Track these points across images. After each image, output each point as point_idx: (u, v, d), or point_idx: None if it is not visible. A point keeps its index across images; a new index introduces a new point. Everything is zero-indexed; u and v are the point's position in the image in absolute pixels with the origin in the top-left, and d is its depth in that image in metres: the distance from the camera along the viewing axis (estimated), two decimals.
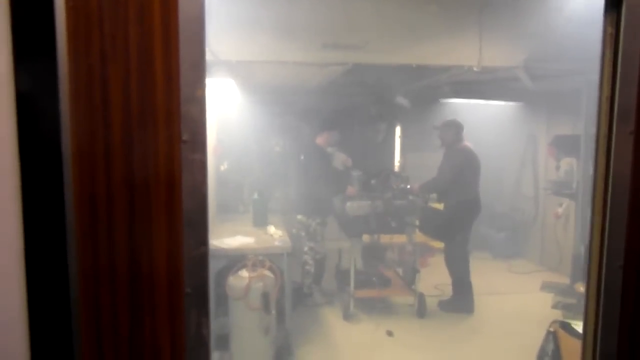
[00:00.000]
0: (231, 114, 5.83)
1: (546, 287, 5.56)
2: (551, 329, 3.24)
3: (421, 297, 4.89)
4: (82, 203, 0.94)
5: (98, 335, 0.97)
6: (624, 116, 1.09)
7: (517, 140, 7.07)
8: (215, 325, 3.87)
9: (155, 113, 0.96)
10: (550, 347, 3.20)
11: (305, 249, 5.06)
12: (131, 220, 0.96)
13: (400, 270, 5.62)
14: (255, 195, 4.89)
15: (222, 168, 5.58)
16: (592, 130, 1.25)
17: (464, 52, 4.21)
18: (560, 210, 5.61)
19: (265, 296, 3.59)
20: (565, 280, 5.56)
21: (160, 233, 0.98)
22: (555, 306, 4.94)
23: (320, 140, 5.17)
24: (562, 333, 3.12)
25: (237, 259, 3.83)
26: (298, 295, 4.93)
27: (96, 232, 0.95)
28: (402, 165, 6.89)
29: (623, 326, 1.13)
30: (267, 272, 3.73)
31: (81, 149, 0.93)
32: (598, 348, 1.16)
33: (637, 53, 1.06)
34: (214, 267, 3.86)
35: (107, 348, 0.97)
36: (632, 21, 1.05)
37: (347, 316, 4.73)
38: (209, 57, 4.29)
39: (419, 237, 4.96)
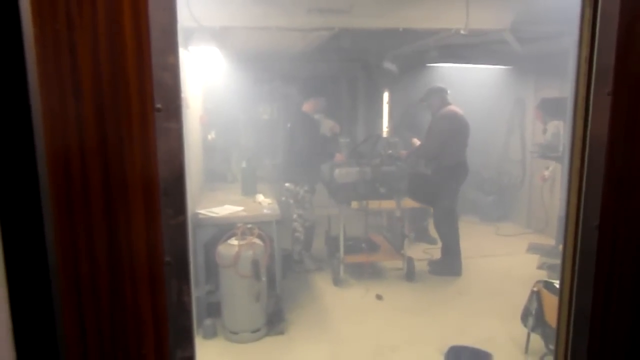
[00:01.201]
0: (217, 82, 5.75)
1: (532, 248, 5.68)
2: (535, 289, 3.32)
3: (410, 261, 4.97)
4: (56, 175, 0.92)
5: (79, 307, 0.97)
6: (601, 77, 1.09)
7: (505, 104, 7.07)
8: (206, 293, 3.93)
9: (127, 81, 0.94)
10: (534, 305, 3.29)
11: (295, 216, 5.09)
12: (106, 192, 0.96)
13: (389, 236, 5.69)
14: (244, 164, 4.88)
15: (209, 137, 5.54)
16: None
17: (451, 14, 4.16)
18: (546, 173, 5.66)
19: (255, 264, 3.63)
20: (550, 241, 5.67)
21: (136, 203, 0.97)
22: (540, 267, 5.06)
23: (307, 107, 5.13)
24: (545, 292, 3.20)
25: (226, 228, 3.85)
26: (288, 262, 4.99)
27: (72, 203, 0.94)
28: (391, 131, 6.87)
29: (598, 283, 1.16)
30: (257, 240, 3.76)
31: (52, 119, 0.91)
32: (574, 304, 1.19)
33: (615, 14, 1.05)
34: (203, 236, 3.89)
35: (89, 319, 0.98)
36: None
37: (337, 281, 4.81)
38: (191, 23, 4.20)
39: (407, 202, 5.01)
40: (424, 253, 5.52)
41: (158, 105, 0.97)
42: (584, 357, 1.17)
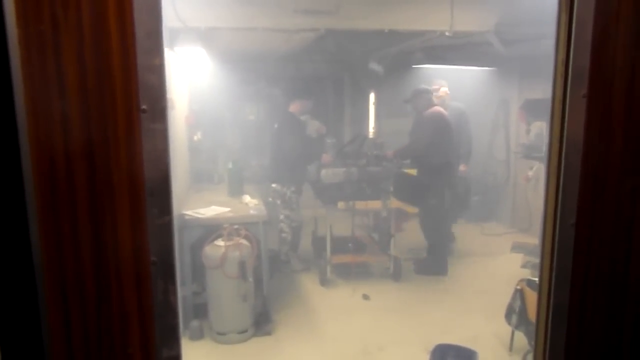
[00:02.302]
0: (203, 83, 5.73)
1: (516, 247, 5.74)
2: (518, 287, 3.37)
3: (396, 261, 5.01)
4: (41, 175, 0.93)
5: (65, 307, 0.98)
6: (577, 79, 1.12)
7: (489, 105, 7.14)
8: (192, 294, 3.92)
9: (112, 82, 0.95)
10: (518, 304, 3.34)
11: (282, 217, 5.10)
12: (92, 192, 0.96)
13: (375, 236, 5.72)
14: (230, 165, 4.88)
15: (195, 138, 5.52)
16: None
17: (436, 17, 4.21)
18: (530, 173, 5.73)
19: (241, 264, 3.63)
20: (534, 241, 5.74)
21: (122, 203, 0.98)
22: (524, 266, 5.12)
23: (293, 108, 5.14)
24: (528, 290, 3.25)
25: (212, 229, 3.85)
26: (275, 262, 5.00)
27: (57, 203, 0.95)
28: (377, 132, 6.91)
29: (575, 280, 1.19)
30: (243, 241, 3.76)
31: (37, 120, 0.92)
32: (552, 300, 1.22)
33: (590, 19, 1.08)
34: (189, 237, 3.88)
35: (75, 319, 0.98)
36: None
37: (324, 281, 4.83)
38: (177, 24, 4.18)
39: (393, 202, 5.04)
40: (410, 252, 5.56)
41: (143, 107, 0.98)
42: (562, 351, 1.21)
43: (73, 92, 0.94)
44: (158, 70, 0.98)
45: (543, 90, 5.99)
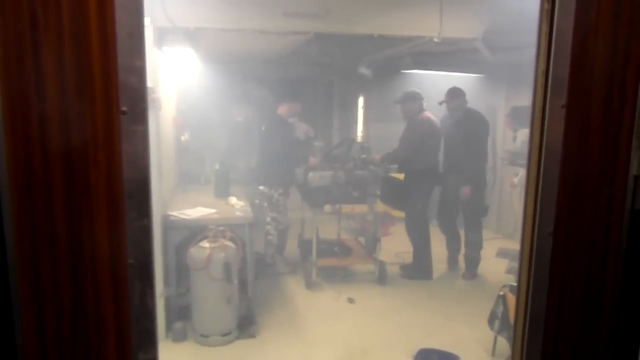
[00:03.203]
0: (191, 83, 5.71)
1: (501, 253, 5.80)
2: (501, 293, 3.40)
3: (382, 265, 5.02)
4: (17, 176, 0.92)
5: (39, 310, 0.96)
6: (557, 90, 1.14)
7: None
8: (176, 295, 3.89)
9: (92, 83, 0.94)
10: (500, 309, 3.37)
11: (268, 219, 5.09)
12: (69, 194, 0.95)
13: (361, 240, 5.73)
14: (217, 166, 4.86)
15: (182, 138, 5.50)
16: None
17: (425, 23, 4.24)
18: (516, 179, 5.79)
19: (226, 266, 3.62)
20: (519, 247, 5.80)
21: (100, 205, 0.97)
22: (509, 271, 5.17)
23: (281, 110, 5.14)
24: (510, 296, 3.28)
25: (198, 230, 3.83)
26: (261, 264, 4.99)
27: (33, 205, 0.94)
28: (365, 136, 6.93)
29: (552, 287, 1.21)
30: (229, 243, 3.75)
31: (14, 120, 0.91)
32: (529, 307, 1.24)
33: (569, 29, 1.10)
34: (174, 238, 3.85)
35: (49, 321, 0.97)
36: None
37: (310, 284, 4.83)
38: (166, 24, 4.16)
39: (379, 206, 5.05)
40: (395, 257, 5.58)
41: (123, 108, 0.97)
42: (539, 356, 1.22)
43: (52, 93, 0.93)
44: (139, 72, 0.98)
45: (529, 98, 6.04)
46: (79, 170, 0.96)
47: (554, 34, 1.12)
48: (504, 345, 3.49)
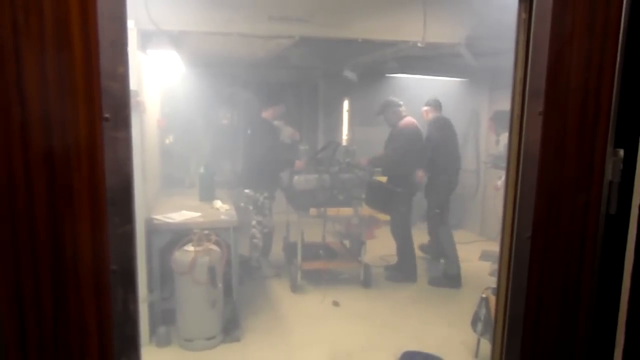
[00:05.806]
0: (176, 86, 5.69)
1: (484, 256, 5.88)
2: (484, 295, 3.44)
3: (367, 268, 5.04)
4: None
5: (20, 316, 0.96)
6: (534, 97, 1.17)
7: (460, 116, 7.27)
8: (160, 299, 3.86)
9: (75, 90, 0.94)
10: (483, 311, 3.41)
11: (253, 222, 5.08)
12: (51, 200, 0.95)
13: (347, 243, 5.75)
14: (202, 169, 4.84)
15: (167, 142, 5.47)
16: None
17: (409, 28, 4.29)
18: (499, 183, 5.86)
19: (211, 270, 3.60)
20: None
21: (82, 212, 0.97)
22: (492, 274, 5.23)
23: (267, 113, 5.14)
24: (492, 298, 3.32)
25: (182, 234, 3.80)
26: (246, 268, 4.97)
27: (14, 211, 0.93)
28: (350, 139, 6.96)
29: (530, 290, 1.23)
30: (213, 246, 3.73)
31: None
32: (508, 309, 1.26)
33: (546, 38, 1.13)
34: (158, 242, 3.83)
35: (30, 327, 0.97)
36: (542, 8, 1.12)
37: (295, 288, 4.83)
38: (150, 27, 4.14)
39: (365, 209, 5.08)
40: (380, 260, 5.61)
41: (106, 115, 0.97)
42: (517, 357, 1.25)
43: (33, 99, 0.93)
44: (122, 79, 0.98)
45: None
46: (61, 176, 0.95)
47: (531, 43, 1.15)
48: (487, 347, 3.52)
